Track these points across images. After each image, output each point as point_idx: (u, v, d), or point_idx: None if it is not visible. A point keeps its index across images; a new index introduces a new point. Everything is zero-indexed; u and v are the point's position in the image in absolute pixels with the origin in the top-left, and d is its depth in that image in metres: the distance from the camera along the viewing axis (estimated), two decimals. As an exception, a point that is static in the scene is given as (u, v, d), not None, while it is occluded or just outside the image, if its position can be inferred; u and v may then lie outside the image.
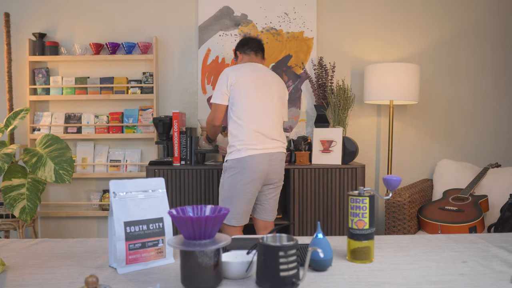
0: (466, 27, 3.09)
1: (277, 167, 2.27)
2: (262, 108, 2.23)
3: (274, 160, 2.24)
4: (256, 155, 2.17)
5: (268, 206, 2.33)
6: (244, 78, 2.22)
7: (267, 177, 2.25)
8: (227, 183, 2.22)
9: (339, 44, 3.08)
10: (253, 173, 2.17)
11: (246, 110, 2.20)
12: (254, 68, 2.29)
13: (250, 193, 2.21)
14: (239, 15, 3.02)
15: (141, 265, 1.17)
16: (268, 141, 2.23)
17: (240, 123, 2.20)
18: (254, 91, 2.22)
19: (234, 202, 2.21)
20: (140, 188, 1.22)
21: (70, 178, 2.43)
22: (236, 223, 2.23)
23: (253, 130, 2.19)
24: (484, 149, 3.13)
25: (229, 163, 2.22)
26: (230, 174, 2.21)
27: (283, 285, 0.97)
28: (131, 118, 3.03)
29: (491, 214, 2.62)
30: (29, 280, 1.09)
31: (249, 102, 2.21)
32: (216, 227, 1.02)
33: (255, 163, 2.17)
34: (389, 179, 1.24)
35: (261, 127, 2.21)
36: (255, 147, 2.18)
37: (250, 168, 2.17)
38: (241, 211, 2.22)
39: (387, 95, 2.71)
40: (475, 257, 1.24)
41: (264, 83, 2.27)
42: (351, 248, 1.21)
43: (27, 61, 2.99)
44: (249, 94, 2.21)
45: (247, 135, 2.19)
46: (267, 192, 2.31)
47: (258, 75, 2.27)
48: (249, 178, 2.17)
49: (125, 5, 3.06)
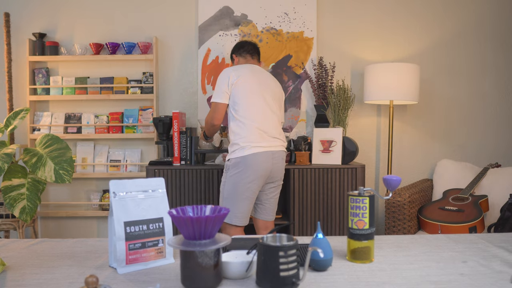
0: (466, 27, 3.09)
1: (279, 166, 2.27)
2: (263, 107, 2.24)
3: (276, 158, 2.24)
4: (259, 153, 2.17)
5: (269, 205, 2.33)
6: (245, 77, 2.23)
7: (270, 176, 2.25)
8: (230, 182, 2.20)
9: (339, 44, 3.08)
10: (257, 171, 2.17)
11: (249, 109, 2.20)
12: (253, 68, 2.30)
13: (253, 192, 2.21)
14: (239, 15, 3.02)
15: (141, 265, 1.17)
16: (271, 139, 2.23)
17: (243, 121, 2.19)
18: (255, 90, 2.23)
19: (237, 201, 2.19)
20: (140, 188, 1.22)
21: (70, 178, 2.43)
22: (239, 223, 2.22)
23: (256, 128, 2.19)
24: (484, 149, 3.13)
25: (232, 161, 2.20)
26: (233, 172, 2.19)
27: (283, 285, 0.97)
28: (131, 118, 3.03)
29: (491, 214, 2.62)
30: (29, 280, 1.09)
31: (251, 101, 2.21)
32: (216, 227, 1.02)
33: (259, 161, 2.17)
34: (389, 179, 1.24)
35: (264, 125, 2.21)
36: (258, 144, 2.18)
37: (254, 166, 2.16)
38: (244, 210, 2.21)
39: (387, 95, 2.71)
40: (475, 257, 1.24)
41: (264, 84, 2.28)
42: (351, 248, 1.21)
43: (27, 61, 2.99)
44: (250, 93, 2.21)
45: (250, 133, 2.18)
46: (268, 191, 2.31)
47: (258, 76, 2.28)
48: (253, 176, 2.17)
49: (125, 5, 3.06)
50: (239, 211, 2.20)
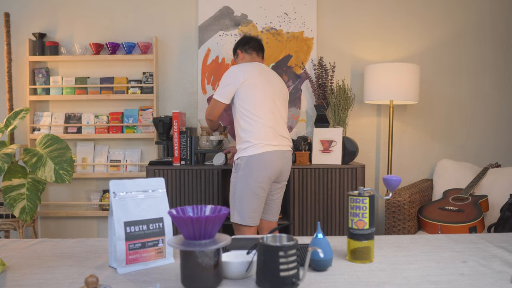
0: (467, 27, 3.09)
1: (288, 166, 2.26)
2: (272, 106, 2.23)
3: (286, 157, 2.23)
4: (272, 152, 2.15)
5: (274, 206, 2.32)
6: (253, 76, 2.20)
7: (279, 175, 2.23)
8: (242, 181, 2.14)
9: (339, 44, 3.08)
10: (270, 170, 2.15)
11: (259, 107, 2.17)
12: (260, 68, 2.28)
13: (265, 191, 2.18)
14: (239, 15, 3.02)
15: (141, 265, 1.17)
16: (280, 138, 2.22)
17: (255, 119, 2.15)
18: (264, 89, 2.21)
19: (250, 200, 2.14)
20: (140, 188, 1.22)
21: (70, 178, 2.43)
22: (252, 223, 2.16)
23: (268, 126, 2.17)
24: (484, 149, 3.13)
25: (244, 160, 2.14)
26: (245, 171, 2.13)
27: (283, 285, 0.97)
28: (131, 118, 3.03)
29: (491, 214, 2.62)
30: (29, 280, 1.09)
31: (261, 100, 2.18)
32: (216, 227, 1.02)
33: (272, 160, 2.14)
34: (389, 179, 1.24)
35: (274, 124, 2.20)
36: (271, 143, 2.16)
37: (267, 165, 2.13)
38: (257, 209, 2.17)
39: (387, 95, 2.71)
40: (475, 257, 1.24)
41: (271, 83, 2.27)
42: (351, 248, 1.21)
43: (27, 61, 2.99)
44: (260, 91, 2.19)
45: (263, 131, 2.15)
46: (275, 192, 2.30)
47: (266, 75, 2.27)
48: (266, 174, 2.14)
49: (125, 5, 3.06)
50: (252, 211, 2.15)
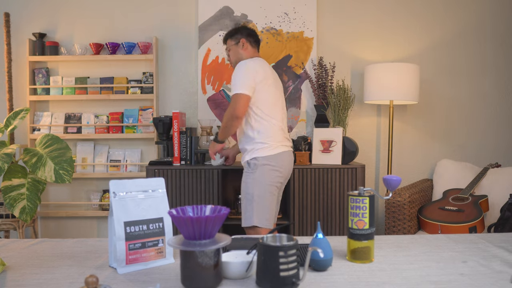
0: (467, 27, 3.08)
1: (292, 166, 2.26)
2: (283, 106, 2.23)
3: (292, 158, 2.25)
4: (286, 152, 2.16)
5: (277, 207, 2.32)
6: (268, 76, 2.17)
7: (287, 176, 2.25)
8: (260, 182, 2.07)
9: (339, 44, 3.08)
10: (287, 170, 2.16)
11: (272, 107, 2.15)
12: (268, 65, 2.25)
13: (280, 191, 2.18)
14: (239, 15, 3.02)
15: (141, 265, 1.17)
16: (287, 139, 2.23)
17: (267, 119, 2.13)
18: (274, 88, 2.20)
19: (269, 202, 2.09)
20: (140, 188, 1.22)
21: (70, 178, 2.43)
22: (269, 225, 2.09)
23: (279, 126, 2.17)
24: (484, 149, 3.13)
25: (260, 160, 2.08)
26: (262, 171, 2.07)
27: (283, 285, 0.97)
28: (131, 118, 3.03)
29: (491, 214, 2.62)
30: (29, 280, 1.09)
31: (274, 100, 2.17)
32: (216, 227, 1.02)
33: (286, 160, 2.16)
34: (389, 179, 1.24)
35: (283, 124, 2.21)
36: (283, 143, 2.17)
37: (283, 165, 2.14)
38: (274, 210, 2.14)
39: (387, 95, 2.71)
40: (475, 257, 1.24)
41: (277, 81, 2.27)
42: (351, 248, 1.21)
43: (27, 61, 2.99)
44: (272, 91, 2.17)
45: (276, 132, 2.15)
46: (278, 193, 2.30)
47: (274, 74, 2.26)
48: (283, 174, 2.15)
49: (125, 5, 3.06)
50: (269, 212, 2.11)
